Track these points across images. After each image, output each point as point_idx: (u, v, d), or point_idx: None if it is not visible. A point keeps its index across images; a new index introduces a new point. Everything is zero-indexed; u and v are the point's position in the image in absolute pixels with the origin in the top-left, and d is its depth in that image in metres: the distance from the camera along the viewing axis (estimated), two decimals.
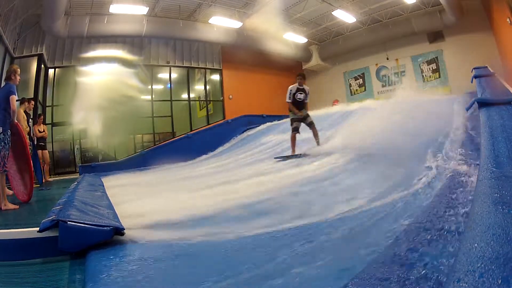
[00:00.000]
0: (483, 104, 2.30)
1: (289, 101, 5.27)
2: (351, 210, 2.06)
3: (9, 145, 3.34)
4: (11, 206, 3.27)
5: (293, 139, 5.21)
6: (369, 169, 3.16)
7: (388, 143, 3.28)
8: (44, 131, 6.88)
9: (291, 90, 5.27)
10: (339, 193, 2.55)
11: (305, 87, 5.34)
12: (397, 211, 1.84)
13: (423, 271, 1.08)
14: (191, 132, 10.19)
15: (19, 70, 3.56)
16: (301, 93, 5.27)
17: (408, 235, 1.42)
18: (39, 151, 6.58)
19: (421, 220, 1.54)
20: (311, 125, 5.29)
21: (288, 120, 8.68)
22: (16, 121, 3.52)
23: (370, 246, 1.44)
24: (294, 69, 14.31)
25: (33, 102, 5.70)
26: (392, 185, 2.35)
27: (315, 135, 5.27)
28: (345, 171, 3.34)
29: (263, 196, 2.83)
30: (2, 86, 3.46)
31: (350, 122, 5.57)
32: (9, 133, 3.34)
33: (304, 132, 5.34)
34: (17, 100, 3.53)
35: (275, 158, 5.14)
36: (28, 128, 5.15)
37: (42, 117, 7.18)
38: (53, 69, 9.63)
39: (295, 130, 5.24)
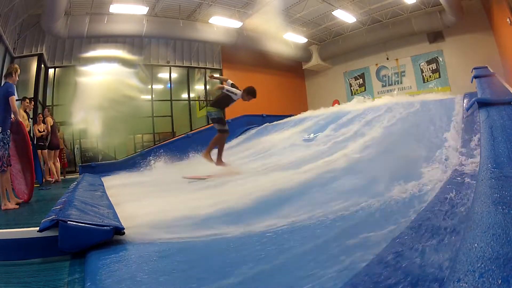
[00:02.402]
0: (483, 104, 2.31)
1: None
2: (349, 210, 2.06)
3: (8, 145, 3.34)
4: (11, 206, 3.27)
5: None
6: None
7: None
8: (44, 130, 6.85)
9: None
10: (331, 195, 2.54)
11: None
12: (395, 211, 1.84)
13: (423, 272, 1.08)
14: (191, 132, 10.18)
15: (19, 70, 3.58)
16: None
17: (406, 236, 1.42)
18: (39, 151, 6.55)
19: (420, 220, 1.54)
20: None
21: (287, 120, 8.74)
22: (19, 119, 3.55)
23: (369, 246, 1.44)
24: (294, 69, 14.34)
25: (33, 102, 5.70)
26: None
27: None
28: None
29: (262, 197, 2.83)
30: (2, 84, 3.46)
31: None
32: (8, 133, 3.34)
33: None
34: (17, 100, 3.54)
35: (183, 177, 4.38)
36: (28, 127, 5.15)
37: (41, 116, 7.16)
38: (53, 69, 9.63)
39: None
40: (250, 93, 4.49)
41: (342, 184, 2.88)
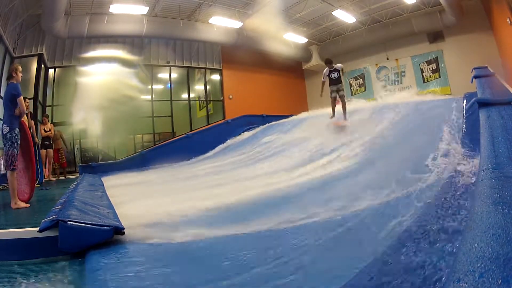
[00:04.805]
0: (483, 104, 2.30)
1: (324, 80, 6.53)
2: (352, 209, 2.06)
3: (17, 143, 3.36)
4: (22, 204, 3.28)
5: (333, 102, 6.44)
6: None
7: None
8: (50, 130, 6.96)
9: (324, 73, 6.50)
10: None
11: (336, 66, 6.41)
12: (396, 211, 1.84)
13: (423, 271, 1.08)
14: (191, 132, 10.19)
15: (20, 67, 3.53)
16: (333, 73, 6.43)
17: (405, 237, 1.42)
18: (44, 151, 6.67)
19: (420, 220, 1.54)
20: (341, 97, 6.45)
21: (287, 120, 8.80)
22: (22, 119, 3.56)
23: (369, 247, 1.44)
24: (294, 69, 14.33)
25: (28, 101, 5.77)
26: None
27: (343, 108, 6.27)
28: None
29: (261, 198, 2.83)
30: (6, 86, 3.46)
31: None
32: (16, 131, 3.35)
33: None
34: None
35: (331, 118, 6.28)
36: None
37: (46, 117, 7.22)
38: (53, 69, 9.62)
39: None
40: (327, 64, 6.45)
41: (342, 185, 2.88)
